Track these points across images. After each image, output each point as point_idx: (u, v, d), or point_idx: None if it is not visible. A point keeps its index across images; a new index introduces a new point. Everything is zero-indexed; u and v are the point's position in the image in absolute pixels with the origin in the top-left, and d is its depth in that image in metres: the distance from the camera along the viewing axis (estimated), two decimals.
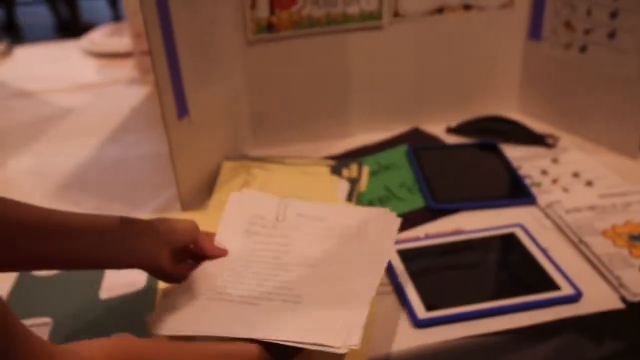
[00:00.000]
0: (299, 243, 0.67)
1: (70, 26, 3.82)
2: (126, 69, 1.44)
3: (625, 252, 0.75)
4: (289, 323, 0.55)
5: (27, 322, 0.67)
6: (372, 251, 0.64)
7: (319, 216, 0.69)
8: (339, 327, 0.53)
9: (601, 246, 0.76)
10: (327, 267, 0.63)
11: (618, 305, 0.68)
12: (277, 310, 0.57)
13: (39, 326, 0.67)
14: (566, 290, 0.69)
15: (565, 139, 1.03)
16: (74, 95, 1.32)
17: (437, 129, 1.09)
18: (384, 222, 0.67)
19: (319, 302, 0.58)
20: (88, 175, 1.02)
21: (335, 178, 0.91)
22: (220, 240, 0.67)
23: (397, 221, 0.67)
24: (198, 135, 0.88)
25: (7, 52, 1.57)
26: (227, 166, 0.93)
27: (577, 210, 0.84)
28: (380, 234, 0.66)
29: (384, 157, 1.00)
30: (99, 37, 1.61)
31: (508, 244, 0.79)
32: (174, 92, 0.81)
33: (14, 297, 0.72)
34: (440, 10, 1.02)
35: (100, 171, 1.03)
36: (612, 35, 0.94)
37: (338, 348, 0.51)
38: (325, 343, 0.51)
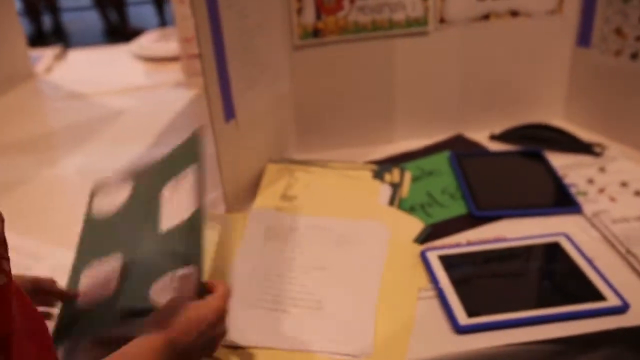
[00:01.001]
0: (309, 248, 0.79)
1: (119, 31, 3.93)
2: (173, 72, 1.48)
3: None
4: (319, 334, 0.67)
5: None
6: (368, 256, 0.77)
7: (325, 227, 0.82)
8: (357, 336, 0.66)
9: None
10: (335, 270, 0.76)
11: None
12: (306, 319, 0.69)
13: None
14: (612, 301, 0.68)
15: (613, 148, 1.01)
16: (123, 97, 1.36)
17: (480, 136, 1.09)
18: (376, 233, 0.81)
19: (337, 309, 0.70)
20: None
21: (377, 182, 0.91)
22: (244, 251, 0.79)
23: (387, 233, 0.80)
24: (244, 137, 0.90)
25: (61, 56, 1.64)
26: (271, 169, 0.95)
27: (625, 220, 0.82)
28: (374, 243, 0.79)
29: (427, 162, 1.00)
30: (147, 42, 1.66)
31: (552, 252, 0.78)
32: (222, 95, 0.83)
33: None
34: (486, 17, 1.02)
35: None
36: None
37: (358, 357, 0.64)
38: (352, 353, 0.64)
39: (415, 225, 0.83)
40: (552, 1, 1.02)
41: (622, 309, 0.67)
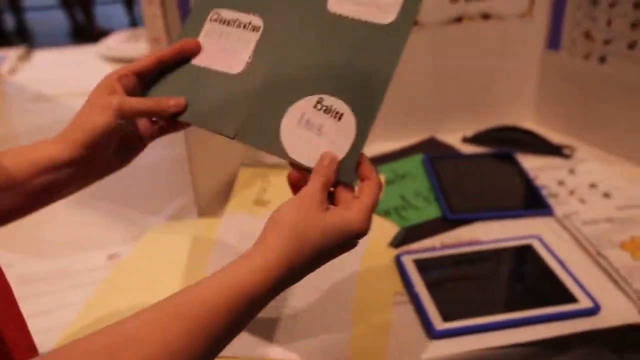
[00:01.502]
0: None
1: (85, 31, 3.86)
2: None
3: None
4: (294, 341, 0.64)
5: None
6: (343, 261, 0.72)
7: None
8: (333, 343, 0.64)
9: (619, 259, 0.76)
10: (308, 275, 0.71)
11: (637, 319, 0.67)
12: (280, 325, 0.67)
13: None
14: (584, 303, 0.69)
15: (582, 150, 1.03)
16: None
17: (453, 138, 1.09)
18: None
19: (311, 315, 0.68)
20: (103, 180, 1.03)
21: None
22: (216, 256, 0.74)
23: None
24: (217, 141, 0.88)
25: (25, 57, 1.59)
26: (244, 173, 0.94)
27: (595, 222, 0.83)
28: None
29: (400, 165, 1.00)
30: (115, 42, 1.63)
31: (525, 255, 0.78)
32: None
33: None
34: (459, 19, 1.02)
35: (115, 176, 1.04)
36: (632, 46, 0.93)
37: None
38: None
39: (389, 228, 0.83)
40: (523, 4, 1.03)
41: (594, 310, 0.68)
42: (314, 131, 0.51)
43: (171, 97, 0.55)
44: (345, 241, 0.47)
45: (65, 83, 1.42)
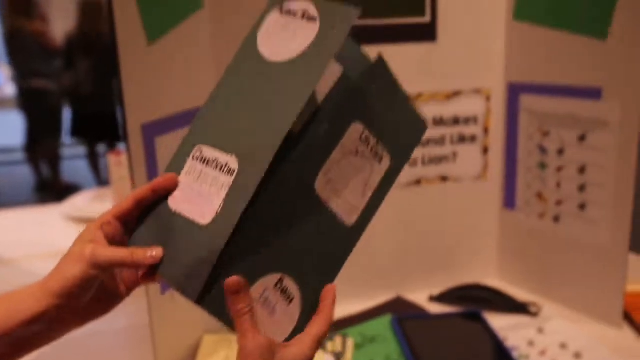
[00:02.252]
0: None
1: (50, 187, 3.89)
2: None
3: None
4: None
5: None
6: None
7: None
8: None
9: None
10: None
11: None
12: None
13: None
14: None
15: (548, 307, 1.04)
16: (51, 262, 1.30)
17: (420, 296, 1.09)
18: None
19: None
20: (58, 350, 0.97)
21: (319, 352, 0.88)
22: None
23: None
24: (179, 309, 0.86)
25: None
26: (207, 340, 0.91)
27: None
28: None
29: (368, 328, 0.99)
30: (81, 202, 1.64)
31: None
32: None
33: None
34: (418, 182, 1.07)
35: (73, 344, 0.99)
36: (582, 206, 0.99)
37: None
38: None
39: None
40: (477, 168, 1.09)
41: None
42: (268, 310, 0.51)
43: (149, 248, 0.53)
44: None
45: (28, 245, 1.40)
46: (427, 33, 1.01)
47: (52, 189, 3.80)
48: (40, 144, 3.88)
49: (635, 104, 0.88)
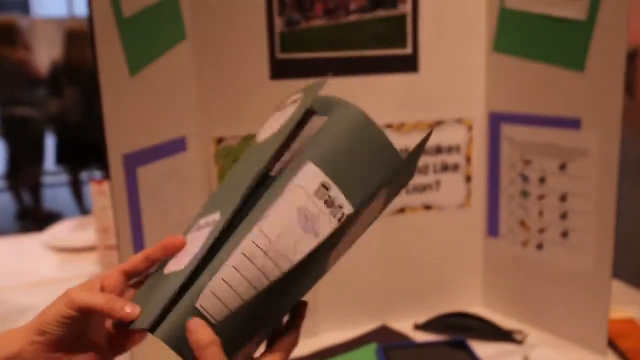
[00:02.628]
0: None
1: (31, 215, 3.84)
2: (88, 263, 1.42)
3: None
4: None
5: None
6: None
7: None
8: None
9: None
10: None
11: None
12: None
13: None
14: None
15: (534, 335, 1.04)
16: (32, 292, 1.28)
17: (405, 325, 1.09)
18: None
19: None
20: None
21: None
22: None
23: None
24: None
25: None
26: None
27: None
28: None
29: (354, 357, 0.98)
30: (62, 231, 1.62)
31: None
32: None
33: None
34: (402, 210, 1.07)
35: None
36: (565, 234, 0.99)
37: None
38: None
39: None
40: (460, 196, 1.10)
41: None
42: None
43: (129, 304, 0.52)
44: None
45: (8, 275, 1.37)
46: (409, 64, 1.02)
47: (33, 217, 3.75)
48: (22, 171, 3.84)
49: (613, 133, 0.90)
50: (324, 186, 0.54)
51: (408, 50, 1.01)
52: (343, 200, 0.54)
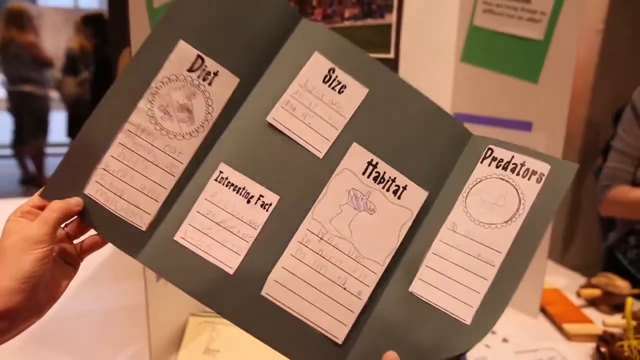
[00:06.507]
0: None
1: (34, 181, 3.70)
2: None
3: None
4: None
5: None
6: None
7: None
8: None
9: None
10: None
11: None
12: None
13: None
14: None
15: None
16: None
17: None
18: None
19: None
20: (52, 328, 0.92)
21: None
22: None
23: None
24: (171, 293, 0.83)
25: None
26: (193, 322, 0.87)
27: None
28: None
29: None
30: None
31: None
32: None
33: None
34: None
35: (64, 325, 0.93)
36: None
37: None
38: None
39: None
40: None
41: None
42: None
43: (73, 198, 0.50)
44: None
45: None
46: (391, 67, 1.02)
47: (36, 183, 3.61)
48: (26, 142, 3.68)
49: (558, 136, 0.92)
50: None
51: (391, 55, 1.01)
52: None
